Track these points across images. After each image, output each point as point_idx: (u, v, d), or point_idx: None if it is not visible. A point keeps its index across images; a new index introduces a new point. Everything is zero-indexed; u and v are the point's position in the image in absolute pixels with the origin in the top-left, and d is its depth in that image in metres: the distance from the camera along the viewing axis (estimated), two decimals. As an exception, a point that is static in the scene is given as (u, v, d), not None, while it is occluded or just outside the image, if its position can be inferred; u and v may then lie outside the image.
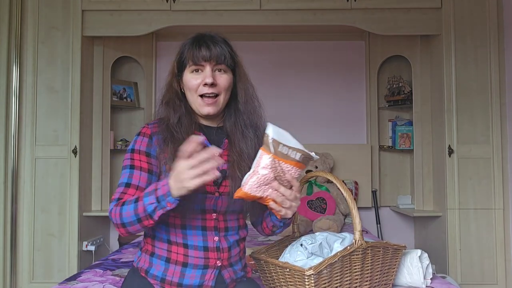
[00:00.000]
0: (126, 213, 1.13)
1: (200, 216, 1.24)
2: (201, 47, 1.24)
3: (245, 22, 3.02)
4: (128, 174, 1.23)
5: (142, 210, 1.10)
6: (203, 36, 1.28)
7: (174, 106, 1.29)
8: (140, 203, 1.10)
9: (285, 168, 1.12)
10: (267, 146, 1.10)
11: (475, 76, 2.95)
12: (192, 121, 1.29)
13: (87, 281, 1.68)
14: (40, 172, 2.98)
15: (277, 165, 1.11)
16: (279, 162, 1.11)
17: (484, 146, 2.93)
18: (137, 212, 1.11)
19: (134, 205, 1.12)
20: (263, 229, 1.37)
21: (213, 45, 1.24)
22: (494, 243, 2.89)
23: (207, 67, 1.24)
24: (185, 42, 1.29)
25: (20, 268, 2.97)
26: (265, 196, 1.13)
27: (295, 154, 1.12)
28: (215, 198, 1.24)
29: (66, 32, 3.00)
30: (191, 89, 1.26)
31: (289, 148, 1.12)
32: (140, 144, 1.26)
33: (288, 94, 3.53)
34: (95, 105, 3.24)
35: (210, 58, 1.23)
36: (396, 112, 3.54)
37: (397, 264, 1.39)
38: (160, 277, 1.23)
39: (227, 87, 1.27)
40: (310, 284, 1.16)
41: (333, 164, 3.28)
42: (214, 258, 1.24)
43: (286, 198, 1.14)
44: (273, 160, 1.10)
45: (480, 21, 2.96)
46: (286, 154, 1.11)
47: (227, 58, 1.26)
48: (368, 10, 2.99)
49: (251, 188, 1.11)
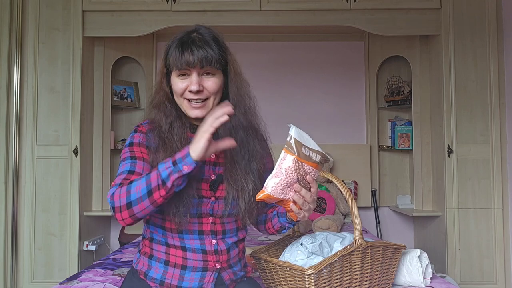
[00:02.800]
0: (137, 187, 1.07)
1: (197, 220, 1.22)
2: (184, 51, 1.17)
3: (245, 23, 3.03)
4: (130, 163, 1.19)
5: (155, 178, 1.05)
6: (188, 38, 1.20)
7: (165, 111, 1.24)
8: (154, 171, 1.06)
9: (307, 170, 1.12)
10: (291, 147, 1.09)
11: (474, 76, 2.96)
12: (184, 124, 1.25)
13: (88, 281, 1.69)
14: (41, 172, 2.99)
15: (300, 166, 1.10)
16: (302, 163, 1.10)
17: (483, 146, 2.94)
18: (149, 182, 1.05)
19: (146, 176, 1.07)
20: (267, 230, 1.36)
21: (197, 49, 1.17)
22: (493, 242, 2.90)
23: (193, 73, 1.18)
24: (170, 43, 1.22)
25: (21, 267, 2.98)
26: (286, 199, 1.12)
27: (315, 155, 1.13)
28: (212, 202, 1.23)
29: (67, 32, 3.01)
30: (177, 92, 1.22)
31: (310, 150, 1.12)
32: (139, 138, 1.24)
33: (288, 94, 3.54)
34: (96, 105, 3.25)
35: (194, 63, 1.16)
36: (395, 112, 3.55)
37: (396, 264, 1.40)
38: (159, 280, 1.22)
39: (216, 90, 1.21)
40: (310, 283, 1.17)
41: (332, 164, 3.29)
42: (213, 261, 1.23)
43: (305, 200, 1.13)
44: (297, 162, 1.09)
45: (479, 22, 2.96)
46: (307, 155, 1.11)
47: (213, 62, 1.18)
48: (368, 11, 3.00)
49: (274, 190, 1.10)
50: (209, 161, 1.25)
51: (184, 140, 1.22)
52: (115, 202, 1.09)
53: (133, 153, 1.21)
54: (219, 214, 1.24)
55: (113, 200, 1.10)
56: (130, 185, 1.08)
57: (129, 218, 1.10)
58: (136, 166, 1.18)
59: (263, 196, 1.11)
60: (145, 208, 1.08)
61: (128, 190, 1.08)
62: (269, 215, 1.35)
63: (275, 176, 1.10)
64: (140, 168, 1.18)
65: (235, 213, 1.26)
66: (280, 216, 1.29)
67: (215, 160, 1.26)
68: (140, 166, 1.18)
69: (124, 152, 1.23)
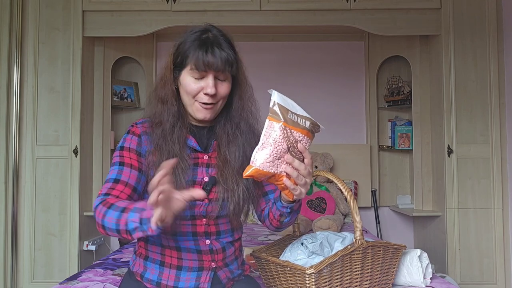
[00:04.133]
0: (109, 218, 1.05)
1: (190, 222, 1.21)
2: (207, 52, 1.14)
3: (245, 23, 3.03)
4: (117, 170, 1.18)
5: (124, 223, 1.02)
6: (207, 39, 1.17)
7: (170, 109, 1.22)
8: (125, 215, 1.02)
9: (298, 137, 0.99)
10: (275, 114, 0.98)
11: (474, 76, 2.96)
12: (185, 125, 1.24)
13: (88, 281, 1.69)
14: (41, 172, 2.99)
15: (289, 134, 0.97)
16: (291, 130, 0.98)
17: (483, 146, 2.94)
18: (118, 223, 1.03)
19: (119, 214, 1.04)
20: (271, 222, 1.28)
21: (219, 51, 1.15)
22: (493, 242, 2.90)
23: (210, 75, 1.16)
24: (188, 38, 1.19)
25: (21, 267, 2.98)
26: (278, 173, 1.00)
27: (304, 121, 1.01)
28: (205, 204, 1.22)
29: (67, 32, 3.01)
30: (189, 93, 1.19)
31: (297, 116, 1.00)
32: (130, 142, 1.22)
33: (288, 94, 3.46)
34: (96, 105, 3.25)
35: (216, 67, 1.15)
36: (395, 112, 3.55)
37: (397, 264, 1.40)
38: (156, 281, 1.22)
39: (226, 95, 1.21)
40: (310, 283, 1.17)
41: (332, 164, 3.29)
42: (208, 260, 1.23)
43: (300, 173, 1.03)
44: (285, 129, 0.97)
45: (479, 22, 2.96)
46: (295, 121, 0.99)
47: (232, 68, 1.17)
48: (368, 11, 3.00)
49: (263, 163, 0.98)
50: (202, 163, 1.25)
51: (182, 142, 1.21)
52: (95, 216, 1.11)
53: (122, 158, 1.20)
54: (213, 215, 1.23)
55: (94, 213, 1.12)
56: (107, 211, 1.06)
57: (105, 234, 1.11)
58: (122, 173, 1.17)
59: (252, 172, 0.98)
60: (116, 236, 1.09)
61: (104, 214, 1.07)
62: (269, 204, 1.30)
63: (262, 147, 0.98)
64: (126, 176, 1.17)
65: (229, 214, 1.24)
66: (276, 201, 1.21)
67: (208, 162, 1.25)
68: (127, 174, 1.18)
69: (114, 155, 1.23)
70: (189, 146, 1.24)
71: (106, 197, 1.12)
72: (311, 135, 1.02)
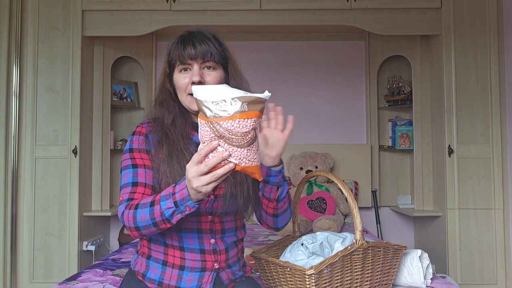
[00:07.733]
0: (141, 217, 1.08)
1: (196, 218, 1.22)
2: (186, 45, 1.20)
3: (245, 22, 3.02)
4: (132, 173, 1.19)
5: (159, 214, 1.06)
6: (190, 34, 1.24)
7: (168, 107, 1.27)
8: (157, 207, 1.06)
9: (230, 127, 0.93)
10: (202, 111, 0.95)
11: (475, 76, 2.95)
12: (186, 121, 1.27)
13: (87, 281, 1.68)
14: (40, 172, 2.98)
15: (218, 127, 0.93)
16: (218, 122, 0.93)
17: (484, 146, 2.93)
18: (153, 216, 1.07)
19: (149, 209, 1.07)
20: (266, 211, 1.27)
21: (198, 43, 1.20)
22: (494, 243, 2.89)
23: (195, 65, 1.21)
24: (172, 42, 1.26)
25: (20, 268, 2.97)
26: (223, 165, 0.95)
27: (231, 105, 0.93)
28: (211, 200, 1.22)
29: (66, 32, 3.00)
30: (180, 88, 1.23)
31: (224, 102, 0.93)
32: (138, 143, 1.24)
33: (288, 94, 3.53)
34: (95, 105, 3.24)
35: (196, 56, 1.20)
36: (396, 112, 3.55)
37: (397, 264, 1.39)
38: (158, 280, 1.22)
39: (216, 84, 1.21)
40: (310, 284, 1.16)
41: (333, 164, 3.29)
42: (211, 261, 1.23)
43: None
44: (211, 124, 0.94)
45: (480, 21, 2.96)
46: (223, 110, 0.93)
47: (214, 55, 1.21)
48: (368, 10, 2.99)
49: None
50: None
51: (185, 136, 1.24)
52: (125, 222, 1.14)
53: (134, 160, 1.21)
54: (218, 212, 1.24)
55: (123, 219, 1.14)
56: (136, 211, 1.10)
57: (140, 236, 1.15)
58: (138, 175, 1.19)
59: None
60: (153, 232, 1.12)
61: (134, 216, 1.10)
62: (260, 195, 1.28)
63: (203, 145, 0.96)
64: (142, 177, 1.19)
65: (234, 211, 1.26)
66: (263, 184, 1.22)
67: None
68: (142, 175, 1.19)
69: (124, 158, 1.24)
70: (194, 142, 1.26)
71: (130, 201, 1.15)
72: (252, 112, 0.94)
